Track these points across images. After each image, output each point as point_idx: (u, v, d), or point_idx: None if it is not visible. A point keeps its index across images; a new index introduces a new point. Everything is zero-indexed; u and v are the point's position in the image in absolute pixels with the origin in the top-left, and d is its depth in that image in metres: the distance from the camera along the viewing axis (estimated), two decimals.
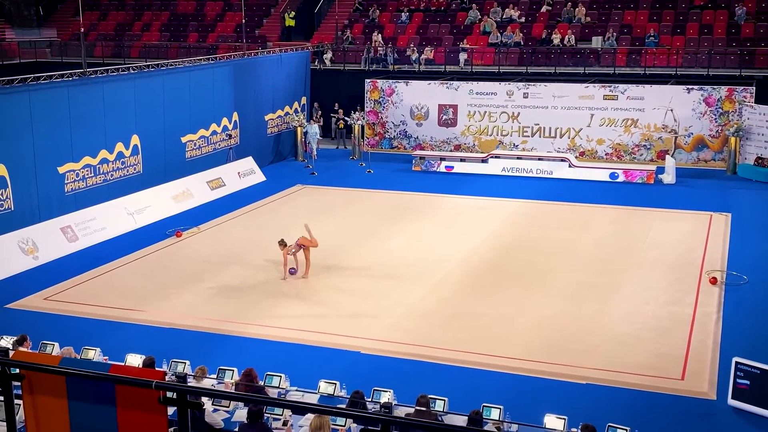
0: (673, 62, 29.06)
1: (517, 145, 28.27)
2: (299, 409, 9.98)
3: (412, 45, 32.23)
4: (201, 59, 26.34)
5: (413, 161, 27.24)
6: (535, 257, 17.97)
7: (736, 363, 11.27)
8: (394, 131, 29.78)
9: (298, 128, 28.82)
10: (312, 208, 21.66)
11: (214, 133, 25.14)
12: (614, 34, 30.50)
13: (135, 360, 11.27)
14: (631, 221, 20.79)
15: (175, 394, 4.48)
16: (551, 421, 9.85)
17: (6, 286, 16.23)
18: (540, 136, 28.12)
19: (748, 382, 11.14)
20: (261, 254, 18.24)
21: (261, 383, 10.65)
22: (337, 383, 10.93)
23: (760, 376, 11.03)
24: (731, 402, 11.34)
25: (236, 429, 9.69)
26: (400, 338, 13.75)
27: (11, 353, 5.12)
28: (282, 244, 16.61)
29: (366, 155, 27.86)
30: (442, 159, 27.12)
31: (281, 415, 10.05)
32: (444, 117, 29.07)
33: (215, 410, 10.21)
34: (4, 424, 4.95)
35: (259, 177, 25.84)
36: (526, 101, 28.04)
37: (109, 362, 10.54)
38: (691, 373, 12.45)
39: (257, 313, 14.95)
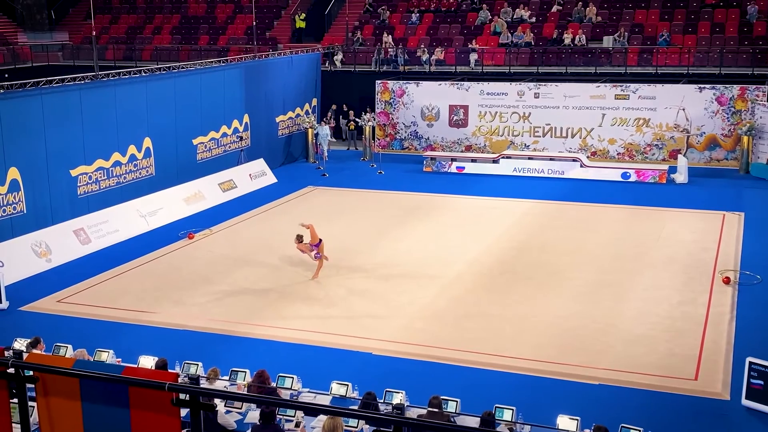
0: (684, 61, 28.94)
1: (528, 146, 28.22)
2: (312, 410, 9.99)
3: (422, 46, 32.23)
4: (212, 61, 26.43)
5: (424, 162, 27.23)
6: (547, 257, 17.93)
7: (750, 363, 11.22)
8: (405, 132, 29.78)
9: (309, 130, 28.85)
10: (323, 210, 21.68)
11: (225, 135, 25.21)
12: (625, 33, 30.40)
13: (148, 362, 11.30)
14: (643, 221, 20.71)
15: (187, 395, 4.49)
16: (564, 422, 9.82)
17: (19, 289, 16.31)
18: (551, 136, 28.06)
19: (761, 382, 11.09)
20: (273, 255, 18.27)
21: (273, 385, 10.66)
22: (350, 384, 10.93)
23: None
24: (745, 402, 11.28)
25: (249, 430, 9.71)
26: (412, 339, 13.74)
27: (25, 356, 5.14)
28: (298, 239, 16.66)
29: (377, 156, 27.86)
30: (453, 160, 27.09)
31: (294, 416, 10.06)
32: (455, 117, 29.05)
33: (228, 412, 10.24)
34: (19, 426, 4.97)
35: (270, 179, 25.89)
36: (537, 101, 27.98)
37: (122, 364, 10.57)
38: (704, 374, 12.39)
39: (269, 314, 14.97)
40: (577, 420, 9.83)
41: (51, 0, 40.85)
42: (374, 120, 29.18)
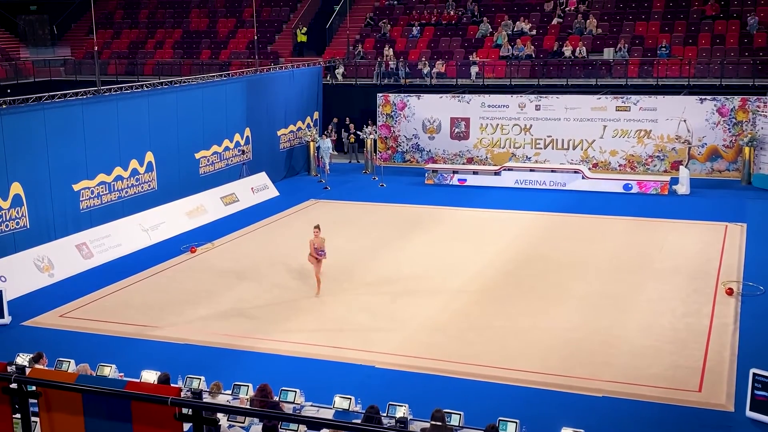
0: (685, 73, 28.97)
1: (529, 158, 28.25)
2: (314, 424, 9.90)
3: (423, 59, 32.32)
4: (214, 76, 26.50)
5: (426, 174, 27.25)
6: (550, 269, 17.91)
7: (754, 374, 11.19)
8: (407, 145, 29.82)
9: (311, 143, 28.91)
10: (325, 223, 21.62)
11: (227, 149, 25.25)
12: (626, 45, 30.46)
13: (150, 376, 11.28)
14: (645, 232, 20.70)
15: (190, 410, 4.49)
16: None
17: (22, 304, 16.30)
18: (553, 148, 28.09)
19: (766, 394, 11.05)
20: (275, 269, 18.27)
21: (276, 399, 10.64)
22: (352, 398, 10.90)
23: None
24: (749, 414, 11.24)
25: None
26: (415, 352, 13.72)
27: (28, 371, 5.14)
28: (316, 229, 16.46)
29: (379, 169, 27.89)
30: (455, 172, 27.12)
31: (296, 430, 10.03)
32: (456, 130, 29.10)
33: (231, 426, 10.21)
34: None
35: (272, 192, 25.91)
36: (539, 113, 28.03)
37: (125, 379, 10.56)
38: (708, 385, 12.35)
39: (272, 328, 14.96)
40: None
41: (53, 15, 41.02)
42: (376, 133, 29.23)
